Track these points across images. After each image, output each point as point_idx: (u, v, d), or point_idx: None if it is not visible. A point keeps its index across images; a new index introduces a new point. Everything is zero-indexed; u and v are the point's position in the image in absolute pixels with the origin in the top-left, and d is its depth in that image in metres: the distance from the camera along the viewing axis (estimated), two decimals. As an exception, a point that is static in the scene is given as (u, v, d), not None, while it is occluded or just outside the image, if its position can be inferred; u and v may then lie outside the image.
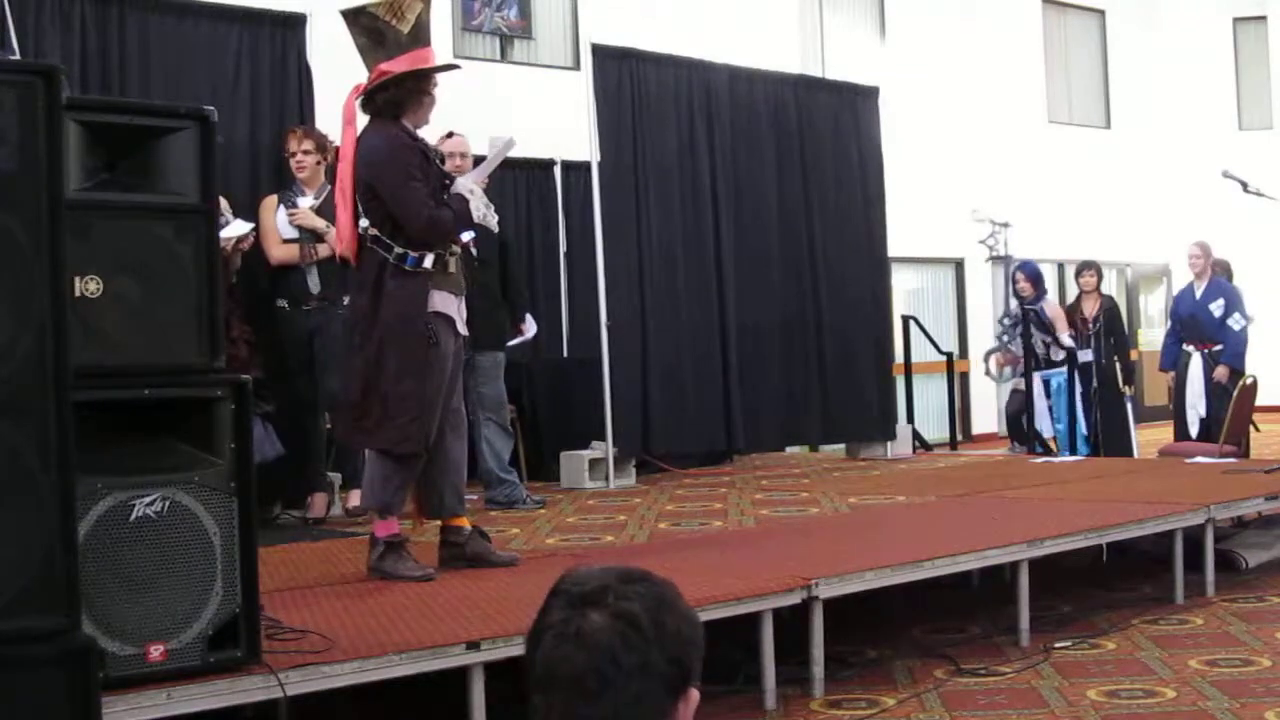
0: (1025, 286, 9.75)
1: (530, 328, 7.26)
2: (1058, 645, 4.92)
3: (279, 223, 6.45)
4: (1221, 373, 9.14)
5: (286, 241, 6.43)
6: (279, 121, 6.87)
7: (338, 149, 4.99)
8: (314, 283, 6.42)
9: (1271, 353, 11.31)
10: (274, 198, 6.52)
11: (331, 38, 6.79)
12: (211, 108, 3.23)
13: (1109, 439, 9.56)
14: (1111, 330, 9.81)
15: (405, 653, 3.44)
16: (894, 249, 10.08)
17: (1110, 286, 16.53)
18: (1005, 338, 10.11)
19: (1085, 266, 10.19)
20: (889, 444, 9.34)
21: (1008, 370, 10.10)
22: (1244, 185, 7.17)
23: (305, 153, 6.46)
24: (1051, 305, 9.90)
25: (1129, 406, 9.76)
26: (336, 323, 6.26)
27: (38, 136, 2.57)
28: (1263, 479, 6.74)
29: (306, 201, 6.47)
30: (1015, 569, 5.11)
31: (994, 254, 11.25)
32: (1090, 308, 9.94)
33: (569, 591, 1.52)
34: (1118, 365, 9.66)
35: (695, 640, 1.55)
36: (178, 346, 3.14)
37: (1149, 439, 10.74)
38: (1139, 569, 6.21)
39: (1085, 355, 9.77)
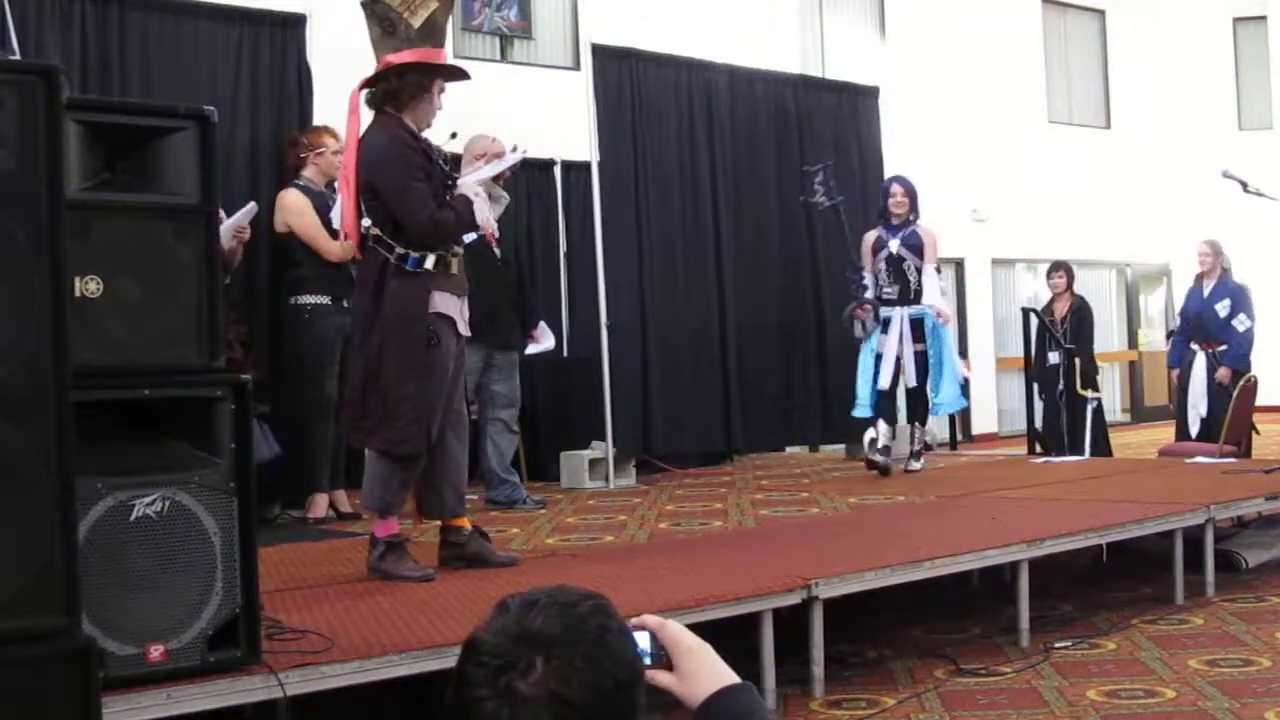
0: (903, 201, 7.86)
1: (548, 338, 7.22)
2: (1058, 645, 4.92)
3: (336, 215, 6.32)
4: (1224, 374, 9.09)
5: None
6: (279, 121, 6.87)
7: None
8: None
9: (1272, 353, 11.28)
10: (299, 194, 6.39)
11: (331, 38, 6.83)
12: (211, 108, 3.23)
13: (1072, 442, 9.53)
14: (1077, 332, 9.78)
15: (405, 653, 3.44)
16: (894, 249, 10.06)
17: (1110, 286, 16.57)
18: (854, 288, 7.89)
19: (1055, 268, 10.18)
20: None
21: (869, 321, 7.87)
22: (1244, 185, 7.16)
23: (335, 152, 6.42)
24: (925, 229, 7.98)
25: (1089, 410, 9.59)
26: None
27: (38, 136, 2.57)
28: (1263, 479, 6.74)
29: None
30: (1015, 569, 5.11)
31: (823, 199, 8.11)
32: (1061, 308, 9.94)
33: (487, 664, 1.41)
34: (1076, 367, 9.59)
35: (634, 681, 1.46)
36: (178, 346, 3.14)
37: (1149, 439, 10.73)
38: (1139, 569, 6.21)
39: (1054, 357, 9.74)
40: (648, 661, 1.60)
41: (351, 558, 4.97)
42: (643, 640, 1.61)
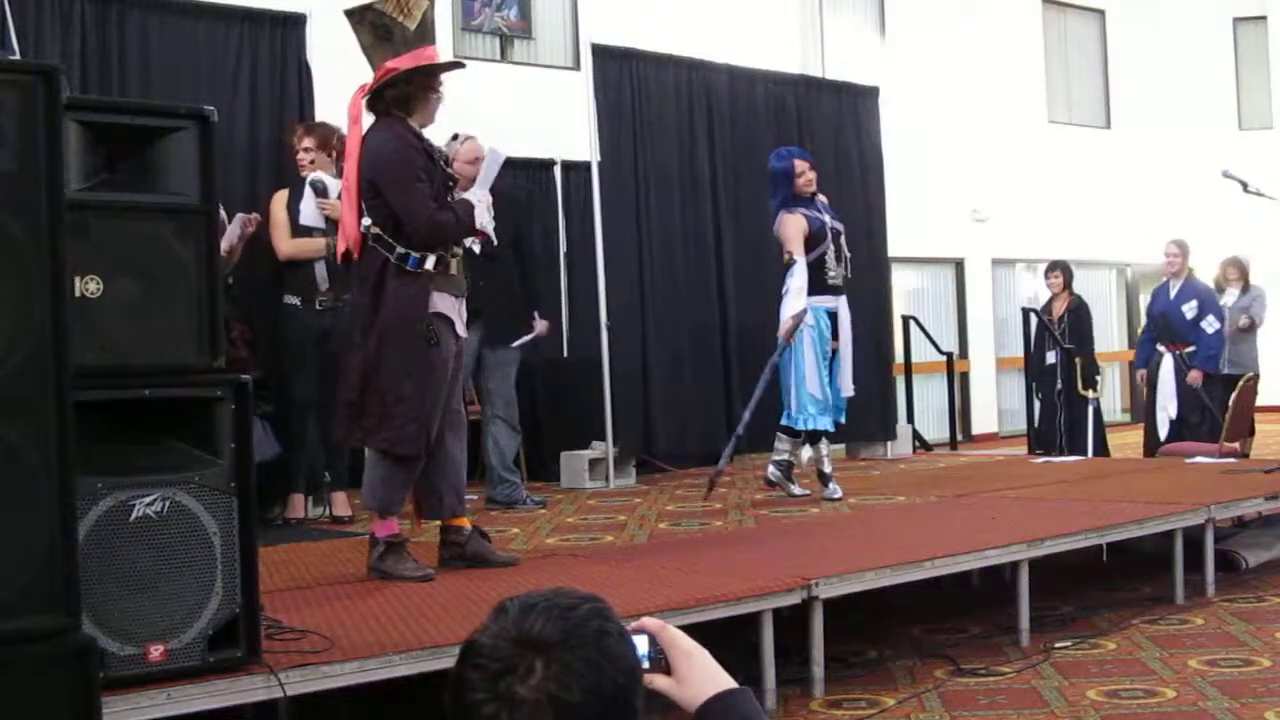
0: (813, 176, 6.68)
1: (538, 325, 7.14)
2: (1058, 645, 4.92)
3: (307, 212, 6.30)
4: (1195, 376, 9.04)
5: (310, 232, 6.29)
6: (279, 121, 6.87)
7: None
8: (322, 276, 6.31)
9: (1272, 353, 11.27)
10: (285, 192, 6.42)
11: (331, 38, 6.81)
12: (211, 108, 3.23)
13: (1070, 441, 9.52)
14: (1076, 332, 9.76)
15: (405, 653, 3.44)
16: (894, 249, 10.07)
17: (1110, 286, 16.56)
18: (786, 289, 6.65)
19: (1052, 267, 10.16)
20: (889, 444, 9.34)
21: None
22: (1244, 185, 7.15)
23: (305, 150, 6.41)
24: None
25: (1090, 410, 9.56)
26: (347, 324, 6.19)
27: (38, 136, 2.57)
28: (1263, 479, 6.74)
29: (335, 188, 6.38)
30: (1015, 569, 5.11)
31: None
32: (1058, 308, 9.93)
33: (486, 668, 1.41)
34: (1077, 367, 9.58)
35: (633, 685, 1.45)
36: (178, 346, 3.14)
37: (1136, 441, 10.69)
38: (1139, 569, 6.21)
39: (1052, 357, 9.73)
40: (646, 665, 1.60)
41: (351, 558, 4.97)
42: (641, 644, 1.61)
